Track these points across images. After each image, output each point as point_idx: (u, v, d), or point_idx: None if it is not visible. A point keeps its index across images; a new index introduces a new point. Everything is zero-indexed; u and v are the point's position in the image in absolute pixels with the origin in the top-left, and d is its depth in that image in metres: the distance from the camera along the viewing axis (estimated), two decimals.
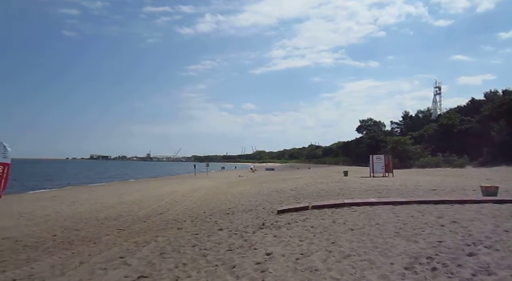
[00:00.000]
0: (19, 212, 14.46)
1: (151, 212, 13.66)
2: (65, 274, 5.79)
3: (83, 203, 17.34)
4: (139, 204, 16.63)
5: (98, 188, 29.42)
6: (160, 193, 21.90)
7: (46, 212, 14.30)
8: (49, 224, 11.59)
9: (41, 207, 15.88)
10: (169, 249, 6.89)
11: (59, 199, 19.48)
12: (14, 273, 6.09)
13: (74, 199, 19.24)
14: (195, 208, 13.93)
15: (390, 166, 28.25)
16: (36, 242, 8.88)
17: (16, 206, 16.49)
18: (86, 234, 9.68)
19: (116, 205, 16.52)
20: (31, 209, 15.40)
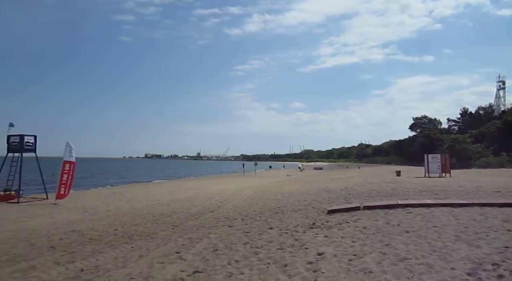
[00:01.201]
0: (84, 207, 15.59)
1: (203, 210, 14.09)
2: (127, 266, 6.16)
3: (140, 200, 18.28)
4: (191, 201, 17.21)
5: (153, 186, 30.85)
6: (210, 191, 22.49)
7: (107, 208, 15.27)
8: (110, 219, 12.36)
9: (103, 203, 16.99)
10: (222, 246, 7.08)
11: (118, 196, 20.70)
12: (82, 264, 6.60)
13: (132, 196, 20.34)
14: (245, 207, 14.14)
15: (447, 166, 26.71)
16: (99, 235, 9.52)
17: (81, 201, 17.78)
18: (144, 230, 10.20)
19: (169, 202, 17.23)
20: (94, 204, 16.53)
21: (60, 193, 17.30)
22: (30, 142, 18.56)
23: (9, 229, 10.59)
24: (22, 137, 18.22)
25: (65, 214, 13.74)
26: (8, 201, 18.00)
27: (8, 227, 11.01)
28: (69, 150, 17.73)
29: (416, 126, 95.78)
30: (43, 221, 12.19)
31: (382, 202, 10.93)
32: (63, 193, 17.39)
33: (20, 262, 6.95)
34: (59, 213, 13.88)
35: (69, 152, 17.74)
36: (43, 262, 6.86)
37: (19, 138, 18.20)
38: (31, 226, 11.22)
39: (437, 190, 13.96)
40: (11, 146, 18.43)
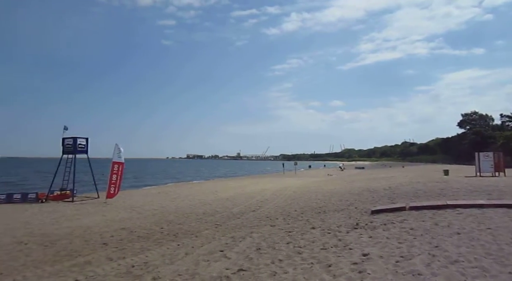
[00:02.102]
0: (132, 206, 16.32)
1: (244, 209, 14.25)
2: (174, 263, 6.39)
3: (183, 199, 18.83)
4: (233, 201, 17.46)
5: (195, 186, 31.61)
6: (251, 191, 22.69)
7: (153, 207, 15.88)
8: (156, 218, 12.84)
9: (149, 202, 17.69)
10: (265, 245, 7.14)
11: (163, 195, 21.45)
12: (132, 260, 6.94)
13: (176, 196, 20.99)
14: (286, 206, 14.14)
15: (501, 164, 25.07)
16: (147, 233, 9.93)
17: (129, 200, 18.62)
18: (188, 228, 10.51)
19: (212, 202, 17.60)
20: (141, 203, 17.26)
21: (110, 192, 18.24)
22: (82, 144, 19.73)
23: (66, 226, 11.33)
24: (75, 139, 19.40)
25: (115, 212, 14.46)
26: (64, 200, 19.25)
27: (65, 224, 11.77)
28: (118, 151, 18.63)
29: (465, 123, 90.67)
30: (96, 219, 12.91)
31: (429, 202, 10.49)
32: (112, 193, 18.31)
33: (77, 257, 7.43)
34: (109, 212, 14.64)
35: (117, 153, 18.64)
36: (97, 258, 7.29)
37: (73, 140, 19.39)
38: (85, 223, 11.93)
39: (490, 190, 13.17)
40: (65, 148, 19.69)
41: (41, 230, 10.67)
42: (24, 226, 11.52)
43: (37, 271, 6.47)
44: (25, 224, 11.79)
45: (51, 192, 19.74)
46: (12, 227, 11.24)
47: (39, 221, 12.38)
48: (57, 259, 7.30)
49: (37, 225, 11.60)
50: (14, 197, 19.17)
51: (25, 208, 16.16)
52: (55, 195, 19.61)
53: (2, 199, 18.99)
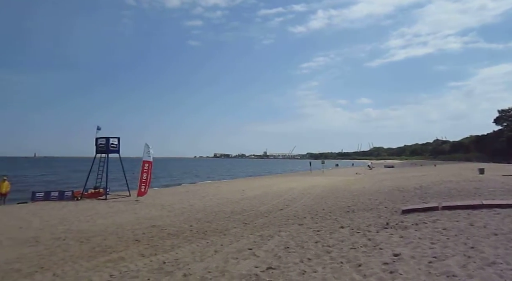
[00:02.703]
0: (162, 204, 16.71)
1: (272, 208, 14.28)
2: (204, 261, 6.51)
3: (211, 198, 19.09)
4: (260, 199, 17.53)
5: (223, 184, 31.94)
6: (278, 190, 22.69)
7: (182, 205, 16.20)
8: (185, 216, 13.09)
9: (178, 201, 18.05)
10: (293, 244, 7.13)
11: (191, 194, 21.82)
12: (163, 257, 7.12)
13: (204, 194, 21.31)
14: (314, 205, 14.05)
15: None
16: (177, 231, 10.15)
17: (159, 199, 19.07)
18: (217, 226, 10.66)
19: (239, 200, 17.74)
20: (170, 202, 17.64)
21: (140, 190, 18.75)
22: (114, 144, 20.37)
23: (100, 223, 11.76)
24: (108, 139, 20.05)
25: (145, 210, 14.86)
26: (98, 197, 19.96)
27: (99, 221, 12.22)
28: (147, 150, 19.12)
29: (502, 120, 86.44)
30: (127, 216, 13.31)
31: (463, 202, 10.12)
32: (143, 191, 18.81)
33: (111, 253, 7.70)
34: (140, 209, 15.06)
35: (147, 152, 19.12)
36: (130, 254, 7.52)
37: (105, 140, 20.05)
38: (117, 220, 12.33)
39: None
40: (98, 147, 20.39)
41: (78, 227, 11.12)
42: (61, 222, 12.04)
43: (74, 265, 6.76)
44: (63, 221, 12.32)
45: (86, 190, 20.51)
46: (51, 224, 11.78)
47: (75, 218, 12.90)
48: (92, 255, 7.59)
49: (73, 222, 12.10)
50: (52, 195, 20.05)
51: (62, 206, 16.88)
52: (90, 193, 20.36)
53: (40, 197, 19.92)
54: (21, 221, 12.49)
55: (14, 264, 6.99)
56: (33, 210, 15.31)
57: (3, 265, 6.96)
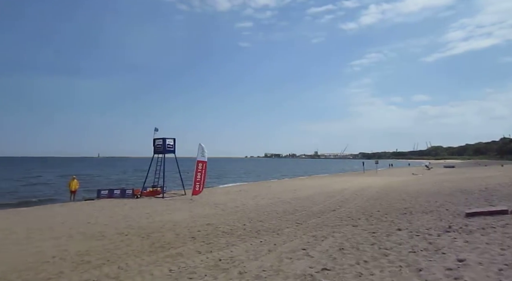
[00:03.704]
0: (215, 203, 17.16)
1: (324, 208, 14.08)
2: (258, 259, 6.60)
3: (263, 197, 19.24)
4: (312, 200, 17.35)
5: (274, 184, 32.06)
6: (330, 190, 22.31)
7: (235, 204, 16.51)
8: (238, 215, 13.33)
9: (231, 200, 18.42)
10: (348, 245, 7.00)
11: (243, 193, 22.17)
12: (219, 254, 7.32)
13: (256, 194, 21.54)
14: (368, 206, 13.64)
15: None
16: (231, 229, 10.37)
17: (212, 198, 19.61)
18: (269, 226, 10.73)
19: (291, 200, 17.69)
20: (223, 201, 18.06)
21: (195, 189, 19.39)
22: (170, 144, 21.27)
23: (158, 220, 12.35)
24: (164, 140, 20.99)
25: (200, 208, 15.35)
26: (155, 196, 20.98)
27: (157, 218, 12.84)
28: (201, 151, 19.72)
29: None
30: (183, 214, 13.84)
31: None
32: (197, 190, 19.44)
33: (169, 249, 8.06)
34: (195, 208, 15.58)
35: (201, 152, 19.73)
36: (187, 251, 7.82)
37: (162, 141, 21.00)
38: (174, 218, 12.86)
39: None
40: (156, 148, 21.41)
41: (138, 223, 11.78)
42: (124, 219, 12.82)
43: (137, 259, 7.17)
44: (125, 217, 13.11)
45: (144, 188, 21.64)
46: (114, 220, 12.59)
47: (136, 215, 13.67)
48: (152, 250, 8.00)
49: (134, 219, 12.83)
50: (115, 192, 21.42)
51: (124, 203, 17.97)
52: (148, 192, 21.46)
53: (104, 194, 21.36)
54: (89, 216, 13.47)
55: (84, 256, 7.57)
56: (98, 207, 16.46)
57: (75, 256, 7.57)
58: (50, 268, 6.69)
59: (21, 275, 6.26)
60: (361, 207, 13.53)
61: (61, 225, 11.55)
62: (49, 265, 6.87)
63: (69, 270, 6.52)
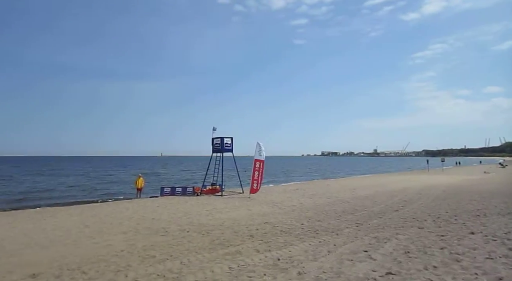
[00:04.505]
0: (272, 201, 17.18)
1: (385, 209, 13.47)
2: (317, 260, 6.45)
3: (321, 196, 18.90)
4: (372, 199, 16.70)
5: (332, 183, 31.38)
6: (392, 189, 21.32)
7: (292, 203, 16.39)
8: (296, 214, 13.21)
9: (288, 198, 18.33)
10: (414, 249, 6.59)
11: (300, 192, 21.95)
12: (277, 253, 7.28)
13: (313, 193, 21.22)
14: (434, 207, 12.81)
15: None
16: (288, 228, 10.29)
17: (270, 196, 19.66)
18: (328, 226, 10.49)
19: (350, 199, 17.18)
20: (281, 199, 18.02)
21: (253, 188, 19.58)
22: (228, 143, 21.69)
23: (218, 218, 12.64)
24: (222, 139, 21.45)
25: (258, 207, 15.45)
26: (215, 194, 21.54)
27: (217, 216, 13.14)
28: (259, 149, 19.85)
29: None
30: (241, 212, 14.02)
31: None
32: (255, 188, 19.61)
33: (229, 246, 8.19)
34: (253, 206, 15.72)
35: (259, 151, 19.86)
36: (246, 249, 7.89)
37: (220, 140, 21.49)
38: (233, 216, 13.08)
39: None
40: (214, 147, 21.96)
41: (199, 220, 12.15)
42: (185, 216, 13.31)
43: (198, 256, 7.37)
44: (186, 214, 13.60)
45: (204, 186, 22.32)
46: (177, 216, 13.11)
47: (196, 212, 14.12)
48: (212, 247, 8.18)
49: (195, 216, 13.26)
50: (177, 190, 22.36)
51: (185, 200, 18.67)
52: (207, 190, 22.09)
53: (167, 192, 22.37)
54: (153, 213, 14.18)
55: (149, 251, 7.95)
56: (162, 204, 17.27)
57: (141, 251, 7.98)
58: (119, 261, 7.12)
59: (94, 266, 6.72)
60: (427, 208, 12.74)
61: (129, 221, 12.27)
62: (118, 258, 7.31)
63: (136, 263, 6.88)
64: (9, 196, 24.36)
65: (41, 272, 6.36)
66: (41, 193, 26.70)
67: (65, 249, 8.25)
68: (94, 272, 6.30)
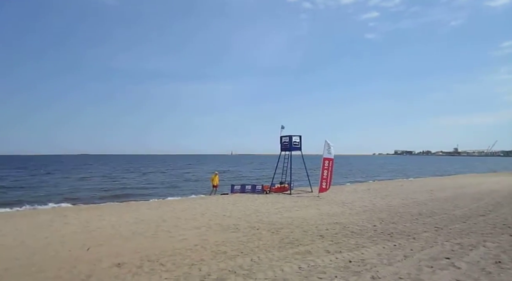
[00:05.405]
0: (342, 201, 16.72)
1: (469, 212, 12.37)
2: (393, 265, 6.11)
3: (394, 197, 17.94)
4: (452, 202, 15.45)
5: (407, 183, 29.63)
6: (476, 191, 19.58)
7: (363, 203, 15.78)
8: (367, 214, 12.69)
9: (359, 199, 17.69)
10: (506, 259, 5.94)
11: (372, 192, 21.07)
12: (349, 255, 7.05)
13: (386, 193, 20.23)
14: None
15: None
16: (360, 229, 9.92)
17: (339, 196, 19.16)
18: (403, 229, 9.90)
19: (427, 201, 16.08)
20: (351, 199, 17.47)
21: (322, 187, 19.25)
22: (296, 142, 21.58)
23: (287, 216, 12.63)
24: (291, 137, 21.41)
25: (327, 206, 15.14)
26: (283, 192, 21.60)
27: (286, 214, 13.14)
28: (327, 148, 19.46)
29: None
30: (310, 211, 13.85)
31: None
32: (324, 187, 19.26)
33: (298, 246, 8.12)
34: (322, 205, 15.44)
35: (327, 149, 19.47)
36: (315, 249, 7.76)
37: (288, 138, 21.47)
38: (301, 214, 12.98)
39: None
40: (282, 145, 22.00)
41: (268, 218, 12.25)
42: (255, 213, 13.52)
43: (267, 254, 7.42)
44: (256, 212, 13.81)
45: (273, 185, 22.48)
46: (246, 214, 13.37)
47: (265, 210, 14.26)
48: (282, 246, 8.18)
49: (264, 213, 13.40)
50: (246, 188, 22.84)
51: (254, 198, 18.98)
52: (276, 188, 22.22)
53: (237, 189, 22.96)
54: (224, 210, 14.63)
55: (221, 247, 8.21)
56: (232, 201, 17.76)
57: (214, 246, 8.27)
58: (193, 255, 7.45)
59: (171, 259, 7.12)
60: None
61: (202, 217, 12.81)
62: (192, 252, 7.66)
63: (209, 258, 7.14)
64: (107, 192, 26.77)
65: (125, 262, 6.90)
66: (134, 189, 28.87)
67: (145, 241, 8.87)
68: (171, 265, 6.67)
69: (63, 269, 6.48)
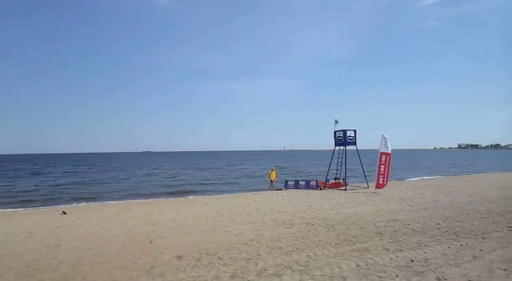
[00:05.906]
0: (401, 197, 15.99)
1: None
2: (460, 266, 5.74)
3: (459, 194, 16.82)
4: None
5: (472, 179, 27.50)
6: None
7: (424, 200, 14.97)
8: (429, 212, 12.03)
9: (420, 195, 16.81)
10: None
11: (434, 188, 19.92)
12: (410, 254, 6.74)
13: (450, 189, 19.03)
14: None
15: None
16: (422, 227, 9.44)
17: (398, 192, 18.36)
18: (470, 227, 9.26)
19: (497, 198, 14.98)
20: (410, 195, 16.66)
21: (379, 182, 18.58)
22: (351, 136, 20.99)
23: (342, 213, 12.37)
24: (345, 132, 20.87)
25: (385, 203, 14.58)
26: (338, 188, 21.17)
27: (341, 210, 12.87)
28: (384, 142, 18.72)
29: None
30: (367, 208, 13.43)
31: None
32: (381, 183, 18.57)
33: (355, 243, 7.93)
34: (380, 202, 14.90)
35: (384, 143, 18.72)
36: (374, 246, 7.52)
37: (343, 133, 20.95)
38: (358, 211, 12.63)
39: None
40: (337, 140, 21.53)
41: (323, 214, 12.09)
42: (309, 209, 13.40)
43: (323, 250, 7.33)
44: (310, 208, 13.69)
45: (327, 180, 22.11)
46: (301, 210, 13.30)
47: (320, 206, 14.08)
48: (338, 242, 8.04)
49: (319, 209, 13.24)
50: (300, 183, 22.71)
51: (308, 194, 18.82)
52: (331, 183, 21.83)
53: (291, 185, 22.91)
54: (278, 205, 14.67)
55: (276, 242, 8.25)
56: (286, 196, 17.75)
57: (269, 241, 8.34)
58: (249, 249, 7.58)
59: (228, 253, 7.31)
60: None
61: (256, 212, 12.97)
62: (248, 247, 7.79)
63: (264, 253, 7.22)
64: (167, 188, 28.02)
65: (184, 255, 7.20)
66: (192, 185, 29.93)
67: (203, 235, 9.18)
68: (228, 259, 6.84)
69: (129, 260, 6.93)
